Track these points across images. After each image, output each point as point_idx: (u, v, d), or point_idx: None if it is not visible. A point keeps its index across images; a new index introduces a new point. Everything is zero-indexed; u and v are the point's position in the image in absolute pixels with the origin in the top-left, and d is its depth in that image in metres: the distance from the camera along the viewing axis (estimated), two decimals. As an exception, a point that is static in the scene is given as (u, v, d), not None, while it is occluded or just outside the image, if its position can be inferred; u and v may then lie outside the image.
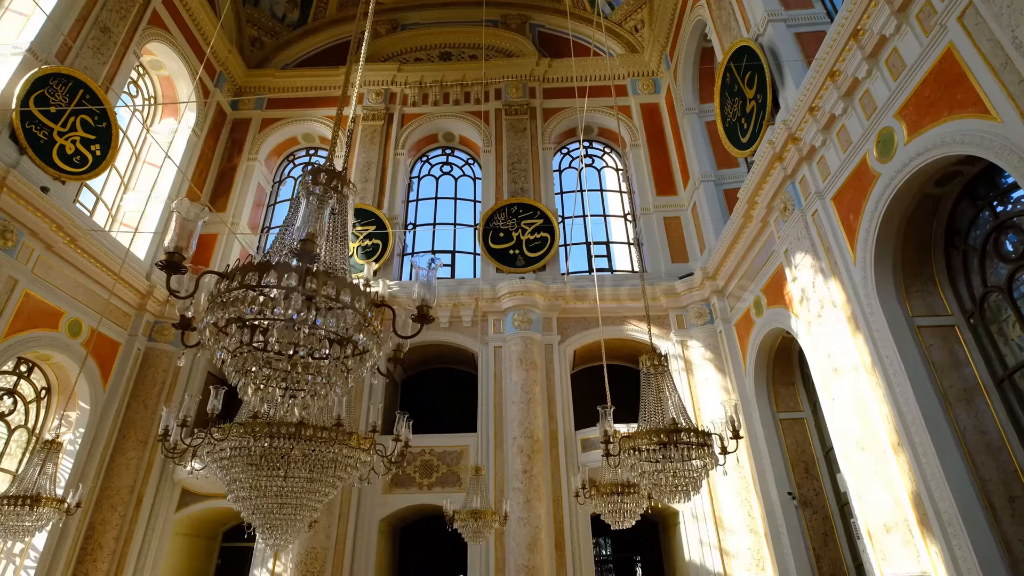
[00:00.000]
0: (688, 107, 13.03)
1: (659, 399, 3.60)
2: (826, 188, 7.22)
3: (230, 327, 1.65)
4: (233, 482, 4.11)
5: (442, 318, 11.68)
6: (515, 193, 13.21)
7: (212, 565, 11.29)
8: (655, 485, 3.46)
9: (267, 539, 4.23)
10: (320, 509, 4.69)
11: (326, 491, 4.32)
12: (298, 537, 6.67)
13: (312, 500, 4.36)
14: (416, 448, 10.56)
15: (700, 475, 3.43)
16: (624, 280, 12.31)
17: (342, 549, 9.55)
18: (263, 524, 4.18)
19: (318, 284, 1.62)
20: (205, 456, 4.11)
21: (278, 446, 3.94)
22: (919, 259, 6.39)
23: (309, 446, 3.96)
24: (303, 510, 4.31)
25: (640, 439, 3.32)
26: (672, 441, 3.21)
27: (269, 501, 4.12)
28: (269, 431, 3.92)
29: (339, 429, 4.03)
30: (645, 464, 3.43)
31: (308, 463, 4.06)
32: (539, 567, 8.96)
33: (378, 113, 14.61)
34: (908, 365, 5.89)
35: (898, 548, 5.83)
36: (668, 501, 3.56)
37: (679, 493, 3.44)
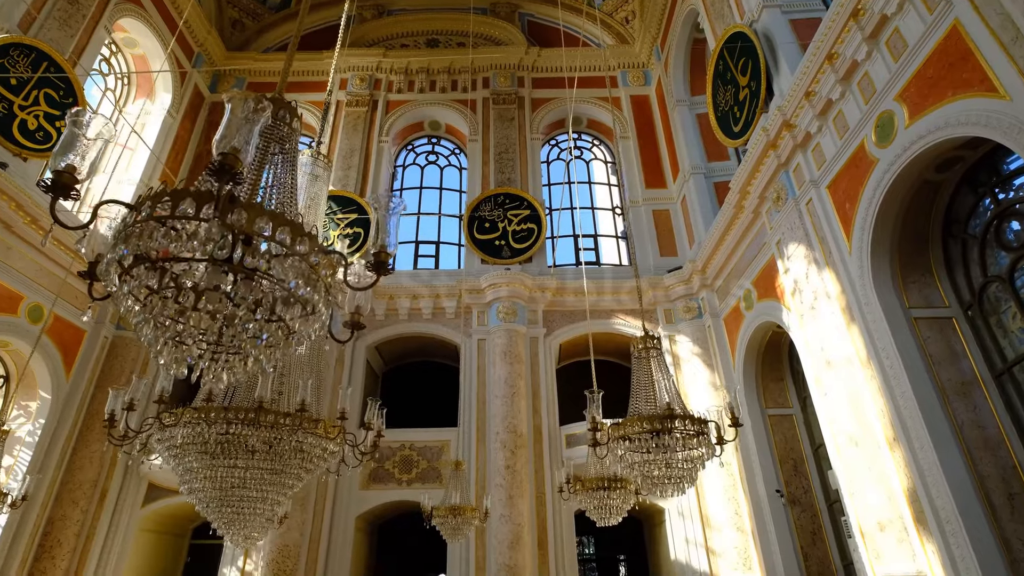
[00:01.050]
0: (679, 99, 12.82)
1: (651, 384, 3.33)
2: (821, 176, 7.01)
3: (138, 270, 1.32)
4: (186, 472, 3.76)
5: (424, 309, 11.34)
6: (502, 183, 12.90)
7: (180, 563, 10.84)
8: (646, 478, 3.18)
9: (226, 535, 3.87)
10: (284, 503, 4.36)
11: (291, 483, 3.98)
12: (263, 533, 6.30)
13: (275, 493, 4.01)
14: (395, 443, 10.22)
15: (695, 467, 3.16)
16: (612, 273, 12.07)
17: (316, 546, 9.18)
18: (220, 519, 3.83)
19: (249, 218, 1.31)
20: (155, 444, 3.76)
21: (236, 433, 3.60)
22: (916, 249, 6.20)
23: (270, 433, 3.62)
24: (265, 503, 3.96)
25: (631, 427, 3.04)
26: (666, 429, 2.93)
27: (227, 493, 3.78)
28: (225, 416, 3.58)
29: (303, 415, 3.69)
30: (635, 455, 3.15)
31: (270, 452, 3.73)
32: (521, 566, 8.68)
33: (362, 99, 14.20)
34: (905, 357, 5.69)
35: (892, 547, 5.62)
36: (660, 495, 3.29)
37: (672, 486, 3.17)
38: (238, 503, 3.84)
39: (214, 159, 1.24)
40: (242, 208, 1.31)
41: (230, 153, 1.22)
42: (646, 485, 3.26)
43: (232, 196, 1.31)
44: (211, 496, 3.75)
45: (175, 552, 10.73)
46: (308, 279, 1.54)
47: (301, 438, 3.77)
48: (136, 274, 1.34)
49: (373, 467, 10.05)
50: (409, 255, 13.20)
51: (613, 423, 3.24)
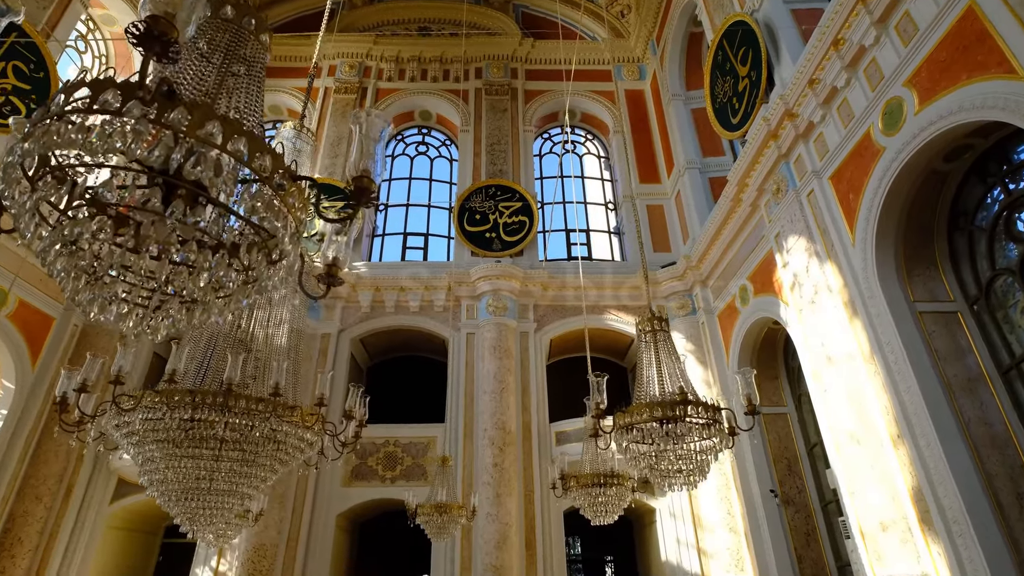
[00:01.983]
0: (674, 93, 12.62)
1: (659, 370, 3.07)
2: (824, 167, 6.82)
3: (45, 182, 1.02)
4: (146, 462, 3.43)
5: (412, 302, 11.01)
6: (493, 175, 12.62)
7: (152, 563, 10.40)
8: (654, 471, 2.92)
9: (191, 531, 3.54)
10: (259, 498, 4.03)
11: (263, 476, 3.66)
12: (235, 531, 5.93)
13: (247, 486, 3.69)
14: (379, 438, 9.88)
15: (707, 458, 2.91)
16: (605, 268, 11.83)
17: (294, 546, 8.81)
18: (184, 513, 3.49)
19: (194, 120, 1.00)
20: (112, 430, 3.42)
21: (202, 419, 3.27)
22: (921, 242, 6.01)
23: (240, 420, 3.30)
24: (234, 497, 3.63)
25: (637, 415, 2.77)
26: (678, 416, 2.67)
27: (192, 486, 3.44)
28: (191, 400, 3.26)
29: (277, 401, 3.37)
30: (641, 446, 2.88)
31: (240, 441, 3.40)
32: (508, 566, 8.39)
33: (351, 86, 13.84)
34: (910, 352, 5.50)
35: (895, 547, 5.42)
36: (668, 488, 3.02)
37: (683, 479, 2.91)
38: (205, 497, 3.50)
39: (140, 21, 0.94)
40: (185, 107, 1.00)
41: (162, 16, 0.91)
42: (654, 478, 2.99)
43: (171, 88, 1.01)
44: (174, 489, 3.42)
45: (146, 551, 10.29)
46: (270, 207, 1.24)
47: (275, 426, 3.45)
48: (42, 185, 1.03)
49: (356, 463, 9.70)
50: (397, 247, 12.87)
51: (617, 411, 2.97)
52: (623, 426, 2.91)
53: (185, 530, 3.55)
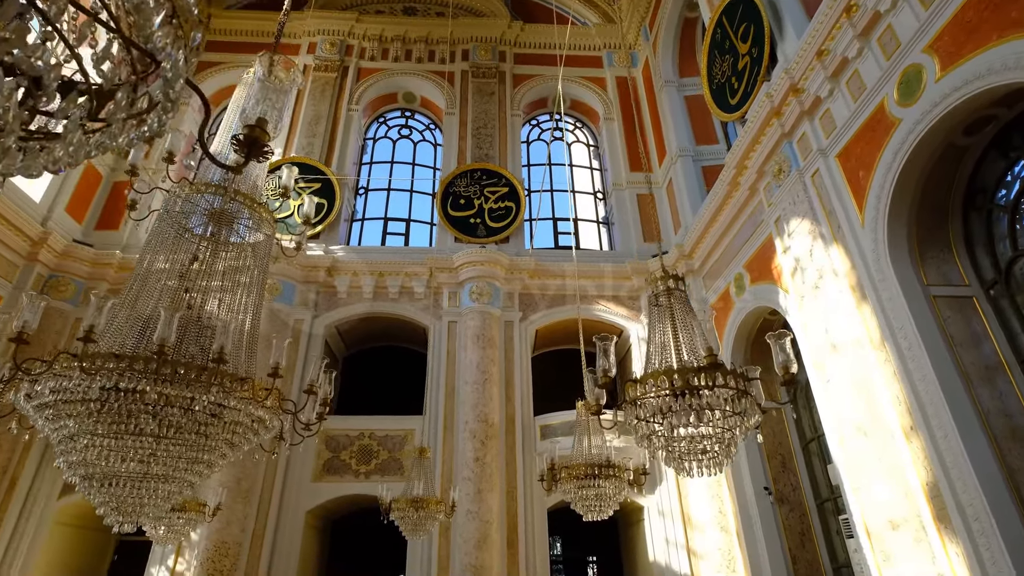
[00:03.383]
0: (667, 79, 12.25)
1: (676, 336, 2.59)
2: (830, 144, 6.44)
3: None
4: (63, 441, 2.87)
5: (391, 288, 10.45)
6: (479, 159, 12.11)
7: (106, 562, 9.69)
8: (668, 454, 2.45)
9: (115, 522, 2.98)
10: (202, 485, 3.48)
11: (207, 459, 3.12)
12: (182, 531, 5.34)
13: (188, 472, 3.15)
14: (353, 431, 9.32)
15: (736, 437, 2.45)
16: (594, 257, 11.41)
17: (259, 543, 8.21)
18: (107, 502, 2.93)
19: None
20: (23, 401, 2.85)
21: (129, 389, 2.72)
22: (935, 222, 5.66)
23: (176, 391, 2.75)
24: (171, 484, 3.09)
25: (652, 383, 2.29)
26: (705, 384, 2.20)
27: (117, 469, 2.89)
28: (116, 367, 2.70)
29: (222, 370, 2.83)
30: (654, 423, 2.40)
31: (179, 417, 2.86)
32: (488, 566, 7.89)
33: (331, 64, 13.22)
34: (926, 338, 5.13)
35: (907, 547, 5.04)
36: (687, 473, 2.57)
37: (705, 463, 2.45)
38: (136, 483, 2.95)
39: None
40: None
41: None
42: (669, 462, 2.53)
43: None
44: (95, 472, 2.86)
45: (99, 550, 9.58)
46: None
47: (220, 399, 2.91)
48: None
49: (328, 457, 9.12)
50: (377, 232, 12.32)
51: (627, 382, 2.50)
52: (632, 400, 2.44)
53: (111, 522, 2.99)
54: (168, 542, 5.64)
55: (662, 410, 2.33)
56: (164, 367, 2.78)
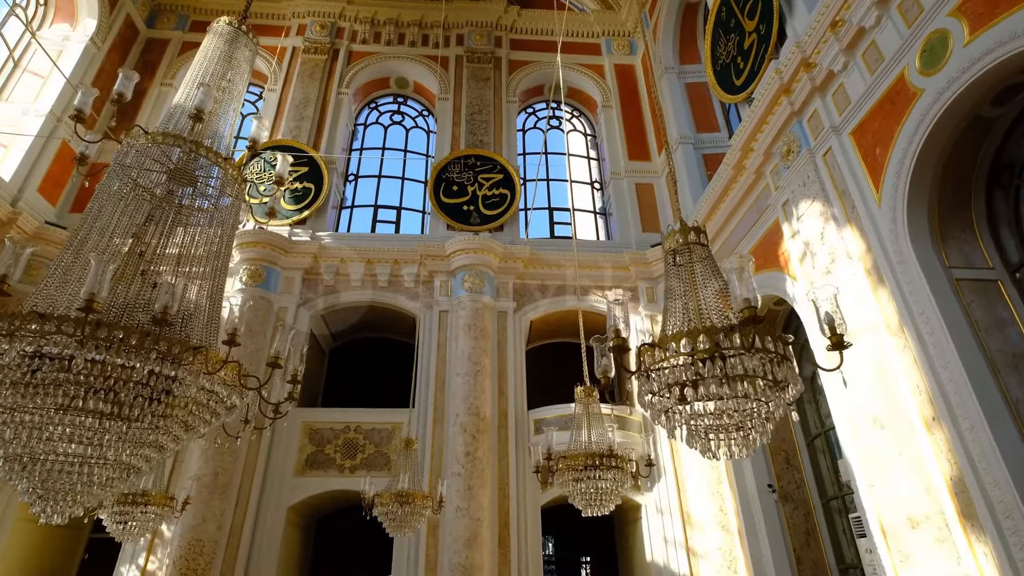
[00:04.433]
0: (668, 66, 11.90)
1: (698, 296, 2.21)
2: (844, 121, 6.10)
3: None
4: (-22, 416, 2.45)
5: (380, 276, 10.03)
6: (473, 145, 11.72)
7: (76, 561, 9.20)
8: (690, 431, 2.07)
9: (40, 510, 2.55)
10: (147, 469, 3.07)
11: (154, 440, 2.70)
12: (142, 531, 4.94)
13: (133, 456, 2.73)
14: (338, 424, 8.90)
15: (773, 410, 2.08)
16: (591, 247, 11.04)
17: (237, 541, 7.77)
18: (31, 489, 2.51)
19: None
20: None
21: (56, 355, 2.31)
22: (957, 201, 5.32)
23: (111, 358, 2.34)
24: (107, 469, 2.67)
25: (674, 344, 1.90)
26: (744, 345, 1.81)
27: (43, 450, 2.47)
28: (40, 329, 2.29)
29: (165, 335, 2.41)
30: (673, 395, 2.02)
31: (116, 390, 2.45)
32: (478, 566, 7.49)
33: (321, 47, 12.78)
34: (950, 323, 4.78)
35: (928, 547, 4.69)
36: (712, 455, 2.19)
37: (738, 442, 2.07)
38: (64, 466, 2.54)
39: None
40: None
41: None
42: (692, 441, 2.15)
43: None
44: (15, 453, 2.44)
45: (69, 547, 9.09)
46: None
47: (165, 370, 2.50)
48: None
49: (311, 451, 8.69)
50: (367, 221, 11.88)
51: (643, 346, 2.11)
52: (647, 370, 2.05)
53: (36, 512, 2.57)
54: (131, 538, 5.21)
55: (685, 379, 1.95)
56: (100, 331, 2.38)
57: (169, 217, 3.39)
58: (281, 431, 8.62)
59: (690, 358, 1.93)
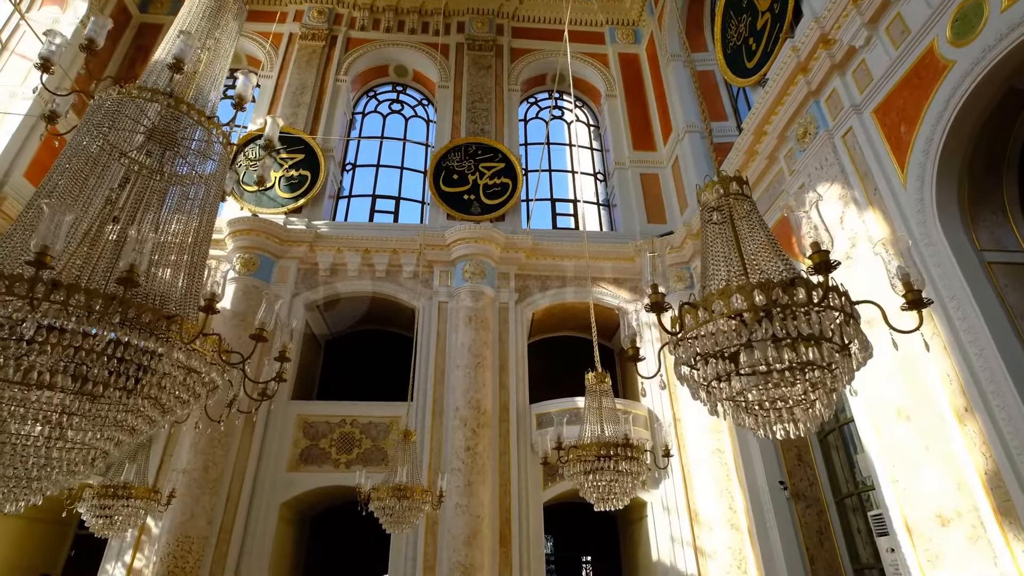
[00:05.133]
0: (674, 53, 11.62)
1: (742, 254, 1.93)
2: (866, 99, 5.82)
3: None
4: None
5: (378, 265, 9.73)
6: (474, 134, 11.41)
7: (62, 557, 8.89)
8: (741, 406, 1.78)
9: None
10: (115, 453, 2.76)
11: (121, 420, 2.41)
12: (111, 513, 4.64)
13: (98, 438, 2.43)
14: (334, 417, 8.59)
15: (840, 378, 1.79)
16: (595, 238, 10.75)
17: (227, 538, 7.46)
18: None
19: None
20: None
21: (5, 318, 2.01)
22: (988, 181, 5.04)
23: (66, 322, 2.04)
24: (74, 452, 2.38)
25: (721, 302, 1.61)
26: (809, 302, 1.52)
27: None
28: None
29: (130, 299, 2.10)
30: (717, 364, 1.73)
31: (76, 362, 2.15)
32: (478, 564, 7.20)
33: (319, 33, 12.47)
34: (984, 308, 4.51)
35: (960, 545, 4.41)
36: (765, 433, 1.90)
37: (799, 415, 1.79)
38: (14, 446, 2.23)
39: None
40: None
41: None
42: (741, 416, 1.85)
43: None
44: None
45: (54, 543, 8.78)
46: None
47: (134, 340, 2.20)
48: None
49: (305, 445, 8.39)
50: (364, 210, 11.56)
51: (684, 305, 1.82)
52: (682, 337, 1.75)
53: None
54: (112, 534, 4.91)
55: (735, 343, 1.66)
56: (57, 292, 2.08)
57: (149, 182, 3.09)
58: (274, 424, 8.33)
59: (740, 318, 1.64)
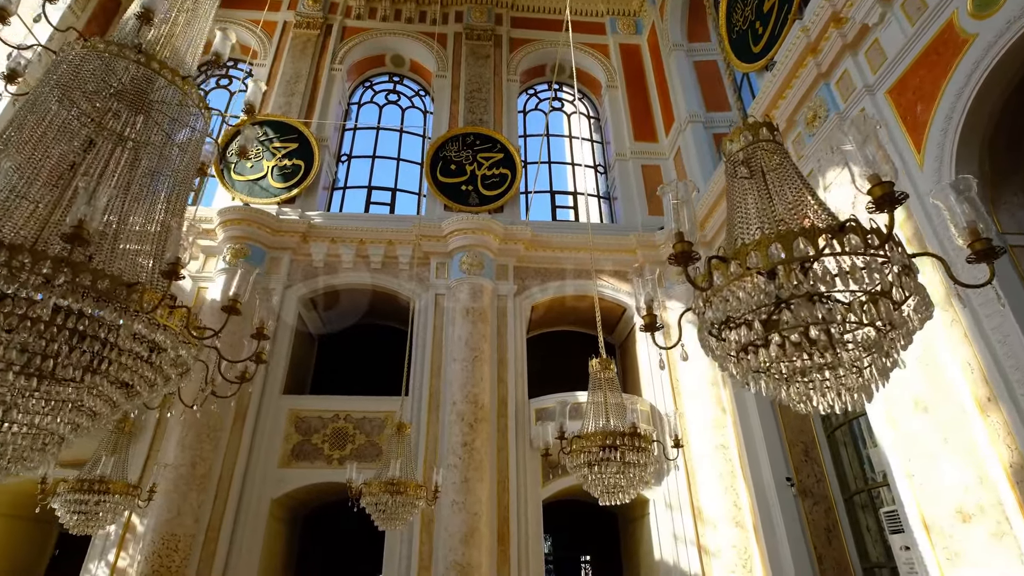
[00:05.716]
0: (676, 43, 11.42)
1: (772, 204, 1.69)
2: (879, 80, 5.59)
3: None
4: None
5: (373, 257, 9.48)
6: (472, 124, 11.17)
7: (45, 557, 8.62)
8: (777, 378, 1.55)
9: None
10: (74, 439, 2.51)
11: (73, 398, 2.16)
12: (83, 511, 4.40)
13: (46, 417, 2.19)
14: (327, 412, 8.34)
15: (899, 344, 1.55)
16: (596, 230, 10.51)
17: (215, 537, 7.21)
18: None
19: None
20: None
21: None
22: (1010, 162, 4.82)
23: (14, 289, 1.79)
24: (25, 436, 2.13)
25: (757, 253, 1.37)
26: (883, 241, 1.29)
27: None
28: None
29: (78, 260, 1.84)
30: (742, 331, 1.49)
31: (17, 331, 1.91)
32: (476, 564, 6.95)
33: (314, 21, 12.22)
34: (1007, 293, 4.28)
35: (983, 543, 4.19)
36: (806, 407, 1.66)
37: (848, 387, 1.55)
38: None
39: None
40: None
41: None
42: (778, 387, 1.61)
43: None
44: None
45: (37, 543, 8.51)
46: None
47: (85, 308, 1.96)
48: None
49: (297, 440, 8.14)
50: (360, 202, 11.31)
51: (713, 259, 1.58)
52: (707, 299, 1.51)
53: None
54: (87, 531, 4.65)
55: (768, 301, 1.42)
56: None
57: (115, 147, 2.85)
58: (265, 419, 8.08)
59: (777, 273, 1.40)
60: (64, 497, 4.44)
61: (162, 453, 7.46)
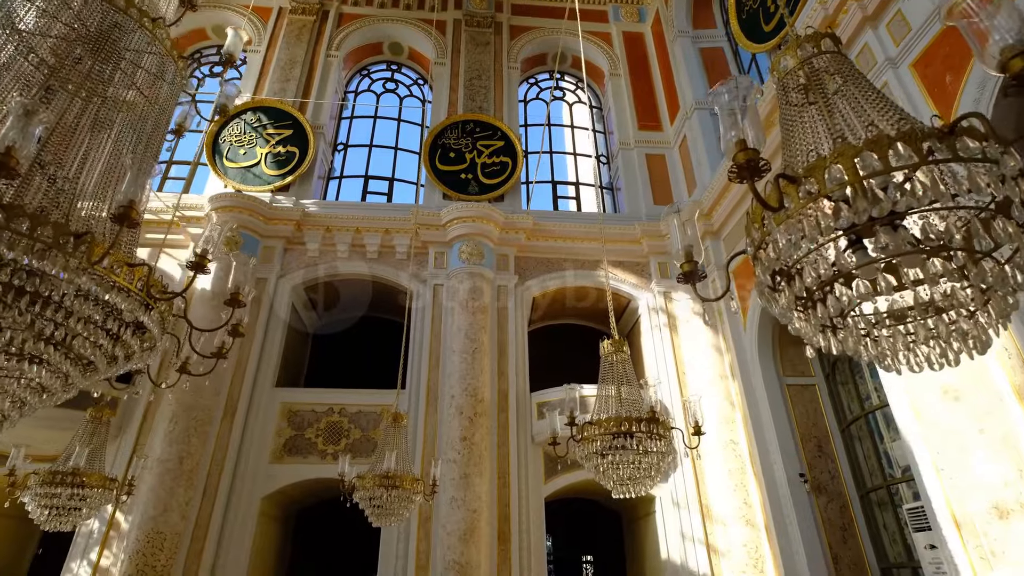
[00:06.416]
0: (681, 30, 11.12)
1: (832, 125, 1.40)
2: (903, 52, 5.30)
3: None
4: None
5: (369, 246, 9.17)
6: (472, 111, 10.87)
7: (28, 555, 8.30)
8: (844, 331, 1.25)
9: None
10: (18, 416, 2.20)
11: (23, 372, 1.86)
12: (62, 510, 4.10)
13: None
14: (321, 405, 8.04)
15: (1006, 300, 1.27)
16: (599, 217, 10.21)
17: (203, 535, 6.89)
18: None
19: None
20: None
21: None
22: (1045, 134, 4.52)
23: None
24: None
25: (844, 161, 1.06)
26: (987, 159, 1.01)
27: None
28: None
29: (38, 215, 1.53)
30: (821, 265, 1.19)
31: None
32: (475, 563, 6.65)
33: (310, 7, 11.91)
34: (1047, 270, 3.97)
35: (1022, 540, 3.89)
36: (899, 369, 1.37)
37: (945, 341, 1.27)
38: None
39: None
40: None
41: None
42: (849, 345, 1.30)
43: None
44: None
45: (20, 541, 8.18)
46: None
47: (17, 256, 1.65)
48: None
49: (290, 435, 7.83)
50: (356, 191, 11.00)
51: (780, 177, 1.29)
52: (761, 241, 1.22)
53: None
54: (59, 527, 4.35)
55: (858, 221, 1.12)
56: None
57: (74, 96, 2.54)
58: (256, 412, 7.76)
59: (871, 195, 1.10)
60: (34, 490, 4.13)
61: (149, 447, 7.14)
